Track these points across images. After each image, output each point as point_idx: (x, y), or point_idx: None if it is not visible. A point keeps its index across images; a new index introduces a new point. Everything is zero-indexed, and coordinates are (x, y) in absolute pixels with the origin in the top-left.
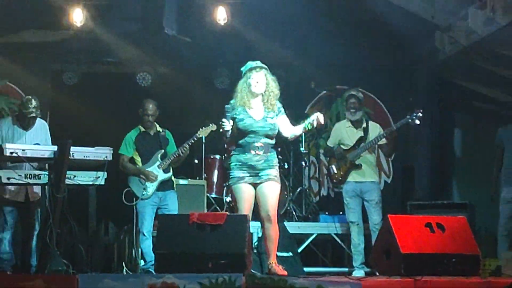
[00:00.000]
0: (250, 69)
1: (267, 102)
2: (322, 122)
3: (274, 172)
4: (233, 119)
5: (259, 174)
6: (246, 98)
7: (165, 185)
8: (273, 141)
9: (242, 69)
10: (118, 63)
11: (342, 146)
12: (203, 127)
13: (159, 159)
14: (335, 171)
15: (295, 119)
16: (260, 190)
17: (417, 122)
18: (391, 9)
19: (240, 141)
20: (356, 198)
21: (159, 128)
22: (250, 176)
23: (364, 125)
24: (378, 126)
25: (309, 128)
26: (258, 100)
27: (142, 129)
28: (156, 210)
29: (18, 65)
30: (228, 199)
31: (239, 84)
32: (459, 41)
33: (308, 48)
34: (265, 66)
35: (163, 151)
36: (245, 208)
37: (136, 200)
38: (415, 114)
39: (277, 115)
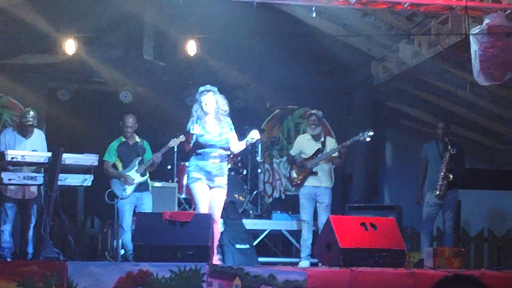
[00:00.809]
0: (200, 93)
1: (217, 118)
2: (258, 137)
3: (224, 180)
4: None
5: (213, 179)
6: (201, 116)
7: (141, 187)
8: (227, 152)
9: (196, 95)
10: (104, 83)
11: (302, 155)
12: (174, 138)
13: (137, 165)
14: (295, 176)
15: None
16: (211, 194)
17: (368, 139)
18: (335, 42)
19: (200, 151)
20: (311, 200)
21: (137, 139)
22: (206, 179)
23: (323, 139)
24: (334, 140)
25: (251, 142)
26: (211, 117)
27: (123, 139)
28: (134, 207)
29: (19, 83)
30: (183, 196)
31: (194, 107)
32: (391, 70)
33: (264, 73)
34: (212, 89)
35: (140, 158)
36: (202, 203)
37: (116, 199)
38: (366, 133)
39: (229, 131)
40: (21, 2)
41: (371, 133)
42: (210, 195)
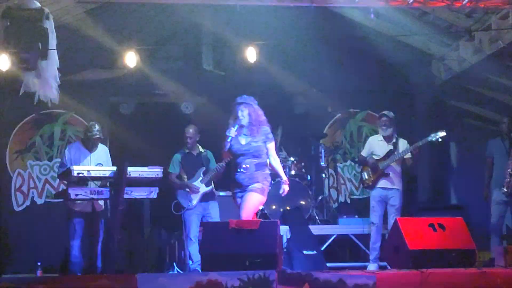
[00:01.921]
0: (234, 105)
1: (250, 129)
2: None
3: (257, 185)
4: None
5: (245, 190)
6: (236, 127)
7: (207, 197)
8: (261, 160)
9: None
10: (165, 95)
11: (374, 157)
12: None
13: (201, 175)
14: (366, 177)
15: (316, 139)
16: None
17: (440, 140)
18: (394, 43)
19: (233, 163)
20: (382, 202)
21: (201, 149)
22: (240, 192)
23: (394, 140)
24: (405, 141)
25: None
26: (245, 128)
27: (187, 150)
28: (201, 217)
29: (81, 99)
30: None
31: (230, 118)
32: (452, 68)
33: (324, 78)
34: (246, 100)
35: (204, 168)
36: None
37: (183, 210)
38: (438, 134)
39: (264, 142)
40: (83, 16)
41: (443, 134)
42: None
